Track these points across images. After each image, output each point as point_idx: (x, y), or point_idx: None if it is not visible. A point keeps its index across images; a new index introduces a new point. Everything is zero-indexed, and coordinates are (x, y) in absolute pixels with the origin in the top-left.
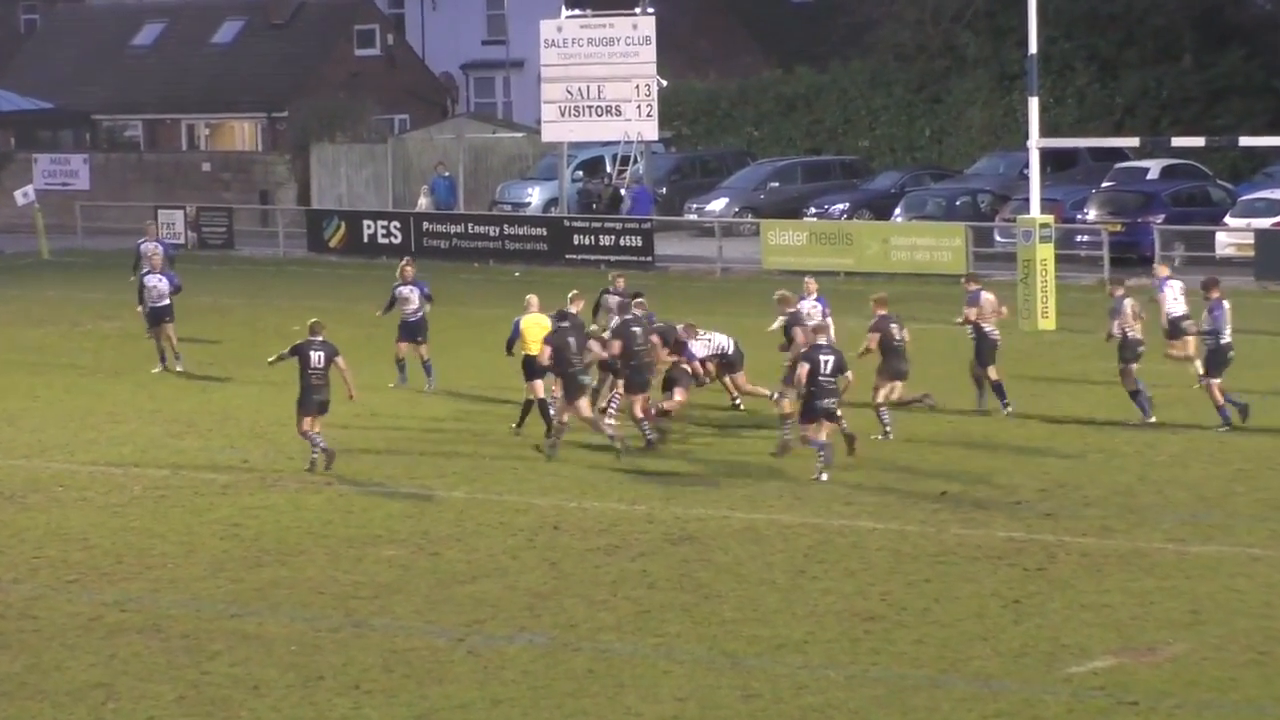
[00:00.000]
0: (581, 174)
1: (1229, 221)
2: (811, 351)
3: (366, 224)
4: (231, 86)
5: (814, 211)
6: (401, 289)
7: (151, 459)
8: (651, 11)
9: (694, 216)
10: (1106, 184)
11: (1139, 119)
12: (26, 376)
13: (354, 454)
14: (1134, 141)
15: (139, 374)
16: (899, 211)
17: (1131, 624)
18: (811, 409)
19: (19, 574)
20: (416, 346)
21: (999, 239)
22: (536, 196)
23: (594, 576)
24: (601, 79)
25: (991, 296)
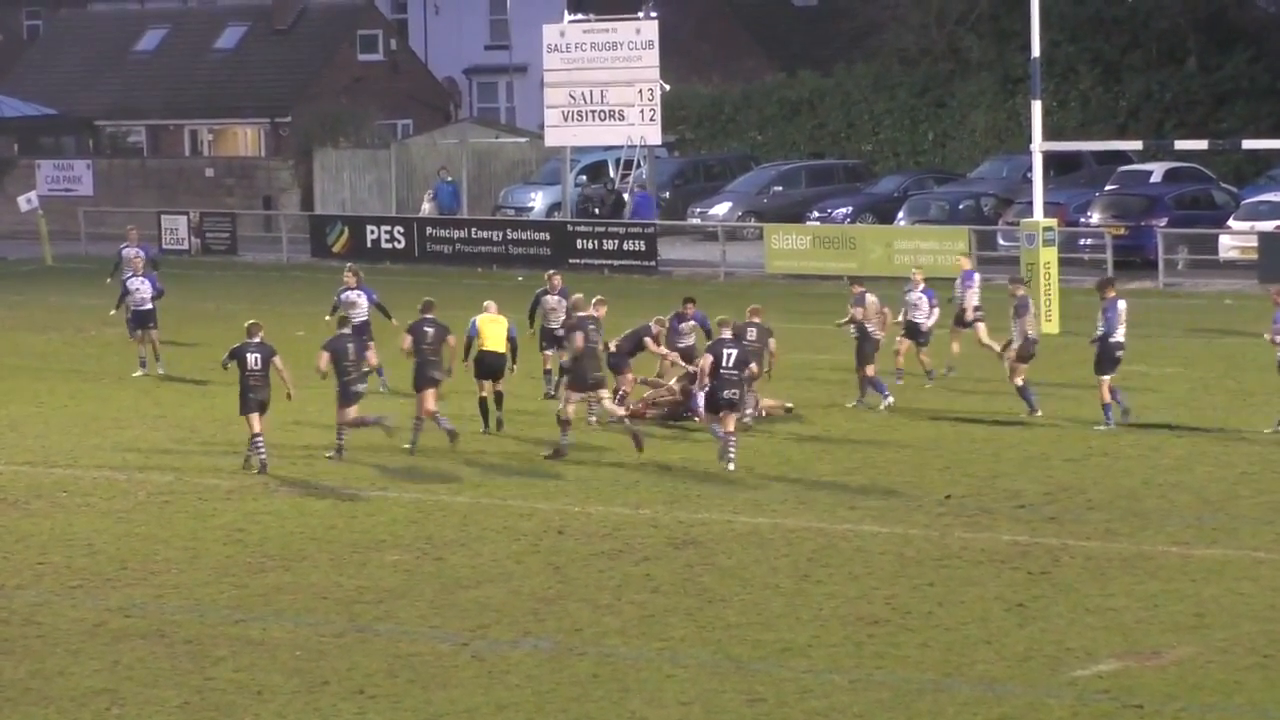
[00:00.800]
0: (584, 178)
1: (1232, 224)
2: (715, 345)
3: (370, 229)
4: (234, 92)
5: (817, 215)
6: (348, 294)
7: (155, 464)
8: (654, 16)
9: (697, 221)
10: (1110, 187)
11: (1143, 122)
12: (30, 382)
13: (355, 456)
14: (1138, 145)
15: (143, 380)
16: (902, 215)
17: (1136, 627)
18: (715, 400)
19: (23, 580)
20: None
21: (1002, 242)
22: (540, 201)
23: (598, 581)
24: (605, 83)
25: (875, 299)
